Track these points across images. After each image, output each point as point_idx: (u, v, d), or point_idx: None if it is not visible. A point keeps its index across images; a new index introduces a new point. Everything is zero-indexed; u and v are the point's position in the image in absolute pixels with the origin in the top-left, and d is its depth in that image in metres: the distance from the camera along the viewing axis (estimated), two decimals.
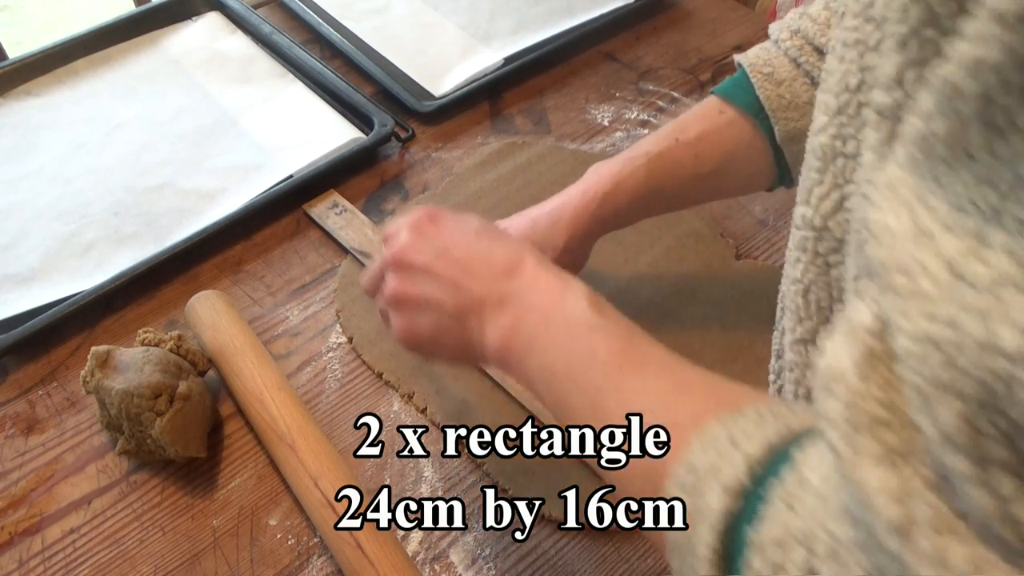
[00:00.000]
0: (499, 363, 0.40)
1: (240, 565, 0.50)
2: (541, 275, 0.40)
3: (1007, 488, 0.18)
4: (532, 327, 0.38)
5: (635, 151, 0.55)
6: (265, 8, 0.92)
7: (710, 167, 0.54)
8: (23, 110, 0.79)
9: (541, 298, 0.39)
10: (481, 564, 0.50)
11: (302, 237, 0.69)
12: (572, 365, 0.36)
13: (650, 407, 0.33)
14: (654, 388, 0.34)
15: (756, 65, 0.53)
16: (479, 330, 0.40)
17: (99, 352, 0.52)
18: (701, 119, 0.55)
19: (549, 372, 0.37)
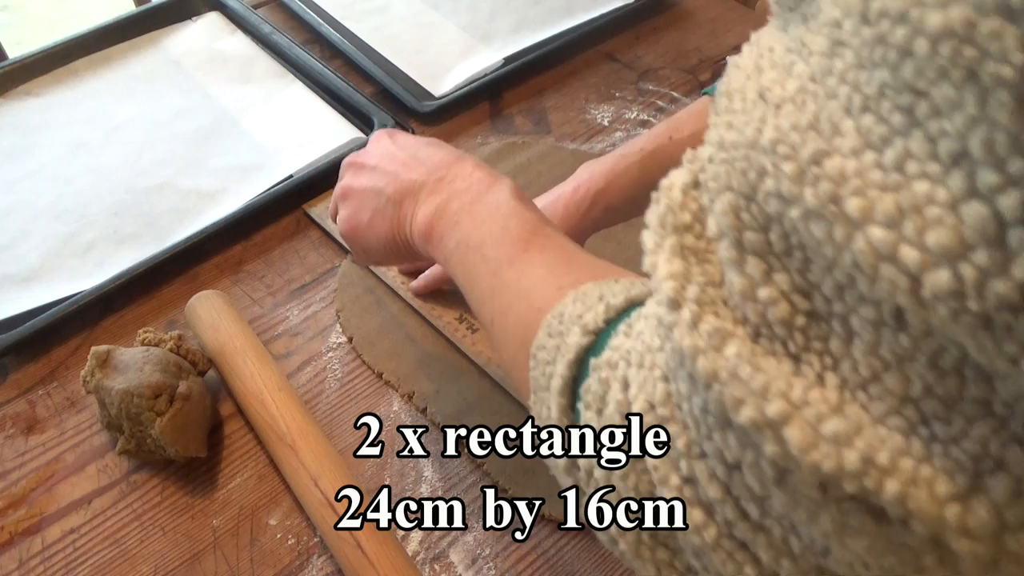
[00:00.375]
0: (423, 240, 0.43)
1: (240, 565, 0.50)
2: (476, 170, 0.43)
3: (755, 270, 0.20)
4: (458, 207, 0.42)
5: (628, 149, 0.55)
6: (265, 8, 0.92)
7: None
8: (23, 110, 0.79)
9: (472, 185, 0.42)
10: (481, 564, 0.50)
11: (302, 237, 0.69)
12: (485, 239, 0.40)
13: (541, 275, 0.36)
14: (549, 262, 0.37)
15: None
16: (412, 211, 0.44)
17: (99, 352, 0.52)
18: (695, 117, 0.55)
19: (464, 246, 0.40)
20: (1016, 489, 0.17)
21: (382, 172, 0.46)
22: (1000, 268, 0.15)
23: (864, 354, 0.19)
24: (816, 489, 0.19)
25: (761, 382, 0.20)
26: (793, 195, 0.19)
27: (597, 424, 0.28)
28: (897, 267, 0.17)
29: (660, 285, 0.23)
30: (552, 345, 0.32)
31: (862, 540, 0.19)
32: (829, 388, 0.19)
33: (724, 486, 0.23)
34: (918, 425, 0.18)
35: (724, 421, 0.22)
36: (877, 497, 0.18)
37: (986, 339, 0.16)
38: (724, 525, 0.23)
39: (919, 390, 0.18)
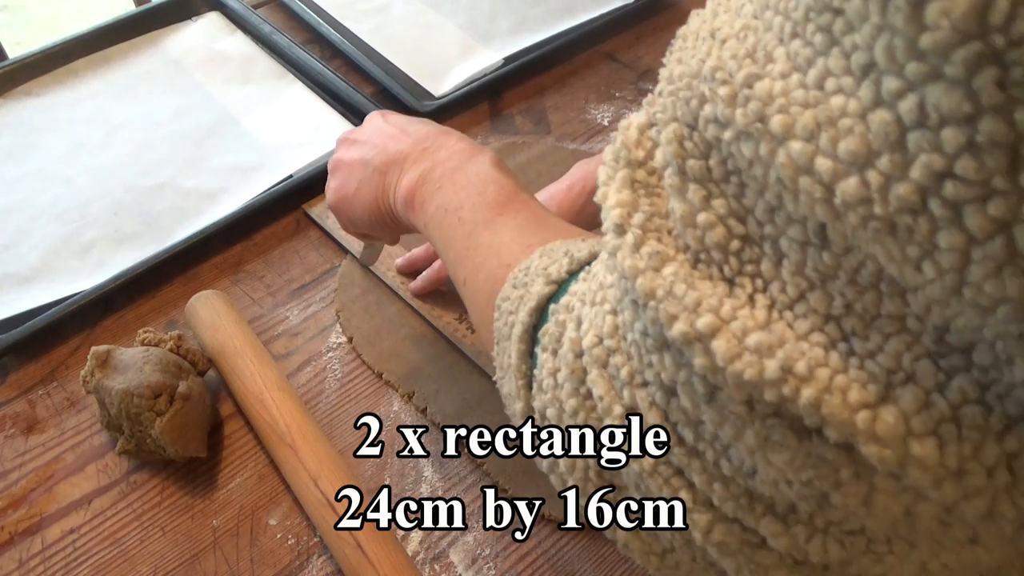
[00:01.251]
0: (405, 207, 0.45)
1: (240, 565, 0.50)
2: (460, 142, 0.45)
3: (695, 196, 0.21)
4: (441, 174, 0.43)
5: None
6: (265, 8, 0.92)
7: None
8: (23, 110, 0.79)
9: (455, 154, 0.44)
10: (481, 564, 0.50)
11: (302, 237, 0.69)
12: (463, 203, 0.41)
13: (512, 236, 0.38)
14: (522, 224, 0.39)
15: None
16: (396, 179, 0.45)
17: (99, 352, 0.52)
18: None
19: (443, 210, 0.42)
20: (924, 400, 0.18)
21: (371, 145, 0.48)
22: (901, 171, 0.16)
23: (791, 274, 0.20)
24: (742, 405, 0.21)
25: (693, 298, 0.21)
26: (727, 117, 0.20)
27: (551, 364, 0.29)
28: (812, 178, 0.18)
29: (608, 213, 0.24)
30: (516, 296, 0.33)
31: (784, 454, 0.20)
32: (759, 308, 0.20)
33: (663, 413, 0.24)
34: (838, 341, 0.19)
35: (661, 341, 0.23)
36: (794, 405, 0.19)
37: (892, 244, 0.17)
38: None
39: (840, 307, 0.19)
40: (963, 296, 0.16)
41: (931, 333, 0.18)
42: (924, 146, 0.15)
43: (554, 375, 0.29)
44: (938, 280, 0.16)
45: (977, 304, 0.16)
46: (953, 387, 0.18)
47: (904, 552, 0.22)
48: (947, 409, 0.18)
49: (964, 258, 0.16)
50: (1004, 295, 0.16)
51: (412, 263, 0.63)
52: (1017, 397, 0.18)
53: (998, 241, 0.15)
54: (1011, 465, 0.18)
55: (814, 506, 0.21)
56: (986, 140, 0.15)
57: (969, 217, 0.15)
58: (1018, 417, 0.18)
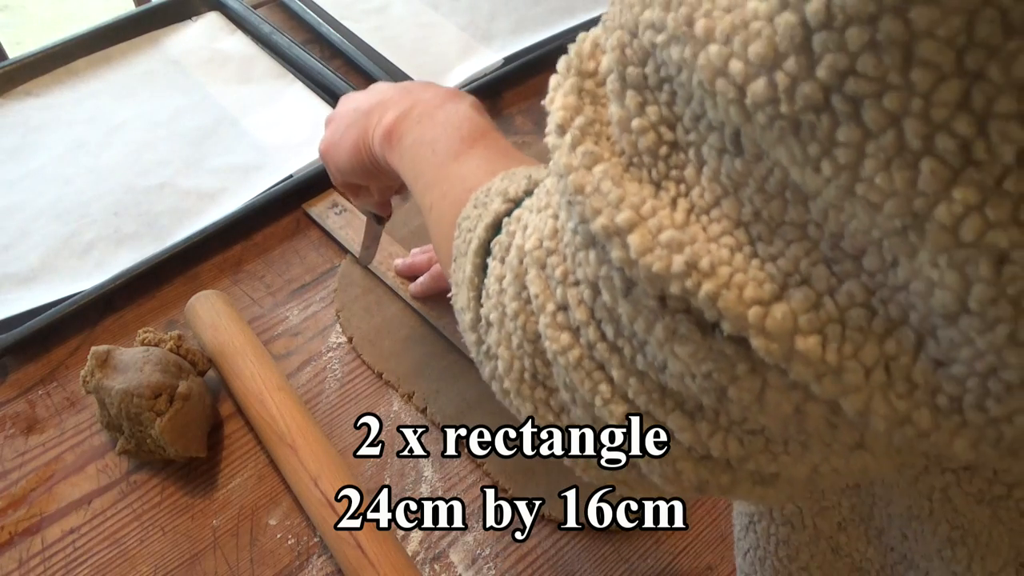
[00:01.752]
0: (383, 143, 0.46)
1: (240, 565, 0.50)
2: (443, 88, 0.47)
3: (632, 102, 0.22)
4: (420, 112, 0.45)
5: None
6: (265, 8, 0.92)
7: None
8: (23, 110, 0.79)
9: (436, 95, 0.46)
10: (481, 564, 0.50)
11: (302, 237, 0.69)
12: (437, 137, 0.43)
13: (480, 166, 0.39)
14: (492, 155, 0.40)
15: None
16: (379, 117, 0.47)
17: (99, 352, 0.52)
18: None
19: (418, 143, 0.43)
20: (815, 301, 0.20)
21: (364, 97, 0.50)
22: (806, 72, 0.17)
23: (709, 181, 0.21)
24: (655, 300, 0.22)
25: (617, 195, 0.22)
26: (661, 21, 0.20)
27: (498, 271, 0.30)
28: (727, 80, 0.18)
29: (552, 115, 0.25)
30: (475, 215, 0.34)
31: (688, 347, 0.22)
32: (679, 211, 0.22)
33: (589, 310, 0.25)
34: (744, 245, 0.21)
35: (587, 238, 0.24)
36: (695, 298, 0.21)
37: (795, 144, 0.18)
38: (587, 347, 0.26)
39: (749, 214, 0.20)
40: (855, 194, 0.17)
41: (827, 240, 0.19)
42: (829, 46, 0.16)
43: (500, 281, 0.30)
44: (834, 179, 0.18)
45: (868, 201, 0.17)
46: (843, 291, 0.19)
47: (798, 453, 0.23)
48: (835, 311, 0.19)
49: (859, 152, 0.17)
50: (892, 188, 0.17)
51: (412, 267, 0.64)
52: (899, 301, 0.19)
53: (890, 133, 0.16)
54: (888, 366, 0.19)
55: (714, 400, 0.23)
56: (885, 38, 0.16)
57: (866, 111, 0.16)
58: (899, 321, 0.19)
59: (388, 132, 0.46)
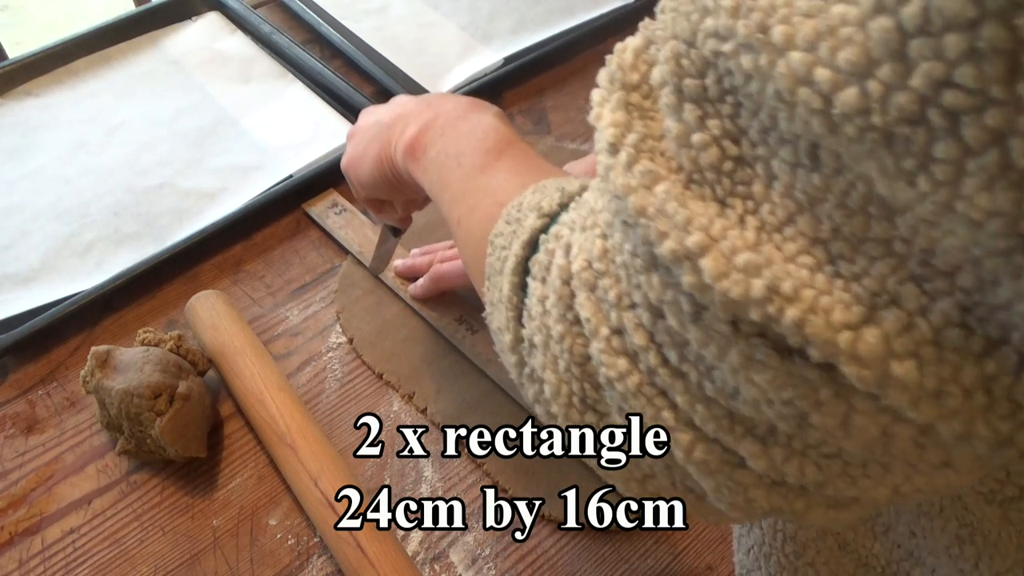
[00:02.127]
0: (406, 155, 0.45)
1: (240, 565, 0.50)
2: (465, 99, 0.46)
3: (691, 116, 0.21)
4: (444, 123, 0.44)
5: None
6: (265, 8, 0.92)
7: None
8: (23, 110, 0.79)
9: (459, 106, 0.45)
10: (481, 564, 0.50)
11: (302, 237, 0.69)
12: (462, 149, 0.42)
13: (508, 179, 0.39)
14: (520, 167, 0.40)
15: None
16: (402, 130, 0.46)
17: (99, 352, 0.52)
18: None
19: (443, 155, 0.43)
20: (907, 322, 0.18)
21: (386, 110, 0.50)
22: (901, 80, 0.16)
23: (781, 196, 0.20)
24: (727, 324, 0.21)
25: (684, 216, 0.21)
26: (728, 29, 0.19)
27: (540, 292, 0.30)
28: (812, 88, 0.17)
29: (602, 133, 0.24)
30: (508, 231, 0.33)
31: (766, 374, 0.21)
32: (748, 229, 0.21)
33: (649, 334, 0.24)
34: (825, 264, 0.20)
35: (649, 261, 0.23)
36: (778, 324, 0.20)
37: (887, 157, 0.17)
38: (647, 373, 0.25)
39: (828, 231, 0.19)
40: (955, 211, 0.16)
41: (917, 256, 0.18)
42: (926, 53, 0.15)
43: (542, 302, 0.29)
44: (931, 194, 0.16)
45: (968, 219, 0.16)
46: (936, 310, 0.18)
47: (878, 475, 0.22)
48: (928, 331, 0.18)
49: (959, 169, 0.16)
50: (996, 208, 0.16)
51: (412, 269, 0.63)
52: (999, 320, 0.18)
53: (993, 152, 0.15)
54: (989, 387, 0.18)
55: (793, 427, 0.22)
56: (987, 46, 0.14)
57: (966, 127, 0.15)
58: (998, 340, 0.18)
59: (411, 145, 0.45)
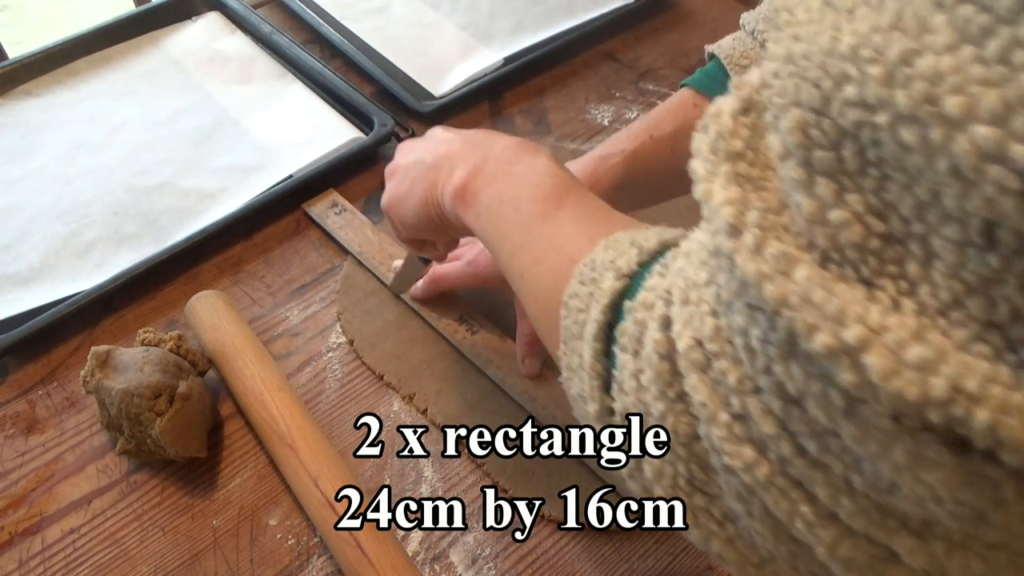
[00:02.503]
0: (455, 200, 0.43)
1: (240, 565, 0.50)
2: (514, 140, 0.44)
3: (826, 191, 0.20)
4: (495, 167, 0.42)
5: (608, 149, 0.55)
6: (265, 8, 0.92)
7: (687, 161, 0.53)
8: (23, 110, 0.79)
9: (509, 148, 0.43)
10: (481, 564, 0.50)
11: (302, 237, 0.69)
12: (519, 195, 0.40)
13: (574, 228, 0.37)
14: (583, 217, 0.38)
15: (732, 57, 0.52)
16: (448, 172, 0.44)
17: (99, 352, 0.52)
18: (675, 114, 0.54)
19: (497, 201, 0.41)
20: None
21: (425, 147, 0.48)
22: None
23: (945, 277, 0.18)
24: (889, 420, 0.19)
25: (836, 307, 0.19)
26: (881, 99, 0.18)
27: (633, 366, 0.28)
28: (1006, 166, 0.16)
29: (717, 211, 0.22)
30: (585, 292, 0.32)
31: (937, 473, 0.19)
32: (906, 314, 0.19)
33: (780, 422, 0.22)
34: (1004, 351, 0.18)
35: (789, 351, 0.21)
36: (965, 427, 0.18)
37: None
38: (778, 463, 0.23)
39: (1005, 314, 0.17)
40: None
41: None
42: None
43: (637, 377, 0.28)
44: None
45: None
46: None
47: None
48: None
49: None
50: None
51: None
52: None
53: None
54: None
55: (968, 524, 0.20)
56: None
57: None
58: None
59: (461, 189, 0.43)
